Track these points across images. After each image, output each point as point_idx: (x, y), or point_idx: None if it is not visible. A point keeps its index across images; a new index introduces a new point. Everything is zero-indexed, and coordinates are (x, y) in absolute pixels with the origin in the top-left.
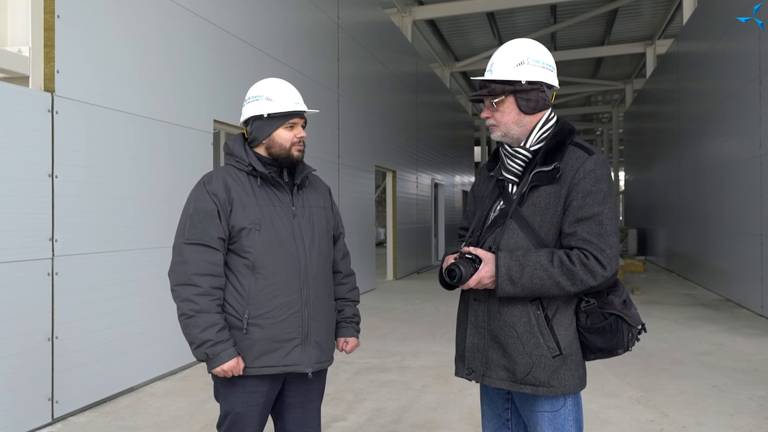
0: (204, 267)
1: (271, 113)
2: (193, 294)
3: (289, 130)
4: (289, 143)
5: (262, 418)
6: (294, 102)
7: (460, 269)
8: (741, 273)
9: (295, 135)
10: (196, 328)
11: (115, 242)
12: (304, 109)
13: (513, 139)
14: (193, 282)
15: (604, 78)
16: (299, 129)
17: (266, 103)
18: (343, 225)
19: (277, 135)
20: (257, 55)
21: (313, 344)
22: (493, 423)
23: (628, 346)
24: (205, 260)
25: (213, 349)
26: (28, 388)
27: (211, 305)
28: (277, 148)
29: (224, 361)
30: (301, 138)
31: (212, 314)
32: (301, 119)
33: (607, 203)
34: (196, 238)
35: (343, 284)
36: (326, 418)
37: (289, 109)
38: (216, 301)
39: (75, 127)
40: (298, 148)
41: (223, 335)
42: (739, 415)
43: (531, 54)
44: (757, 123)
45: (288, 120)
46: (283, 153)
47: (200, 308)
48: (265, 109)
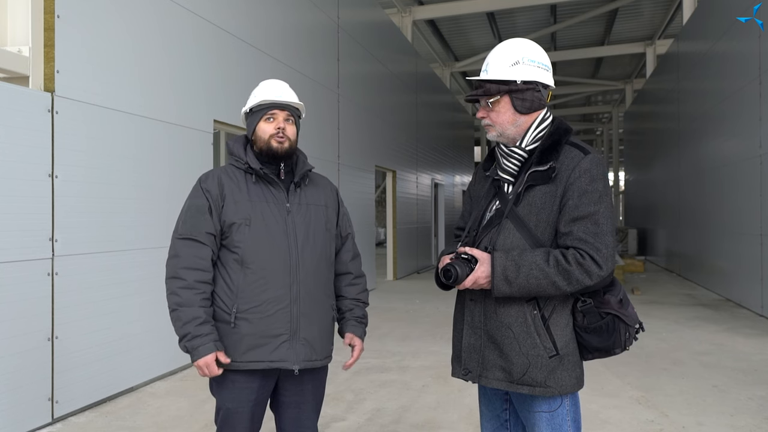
0: (191, 261)
1: (251, 107)
2: (178, 287)
3: (268, 123)
4: (268, 135)
5: (254, 416)
6: (275, 95)
7: (455, 269)
8: (741, 273)
9: (274, 126)
10: (178, 321)
11: (115, 242)
12: (279, 100)
13: (509, 139)
14: (179, 275)
15: (604, 78)
16: (279, 121)
17: (251, 99)
18: (352, 227)
19: (258, 129)
20: (257, 55)
21: (302, 341)
22: (492, 423)
23: (626, 345)
24: (193, 255)
25: (191, 342)
26: (28, 388)
27: (195, 299)
28: (260, 142)
29: (201, 356)
30: (279, 129)
31: (194, 308)
32: (282, 111)
33: (603, 202)
34: (186, 233)
35: (355, 285)
36: (326, 418)
37: (263, 99)
38: (201, 294)
39: (75, 127)
40: (278, 140)
41: (203, 329)
42: (739, 415)
43: (526, 53)
44: (757, 123)
45: (266, 112)
46: (265, 146)
47: (182, 301)
48: (248, 105)
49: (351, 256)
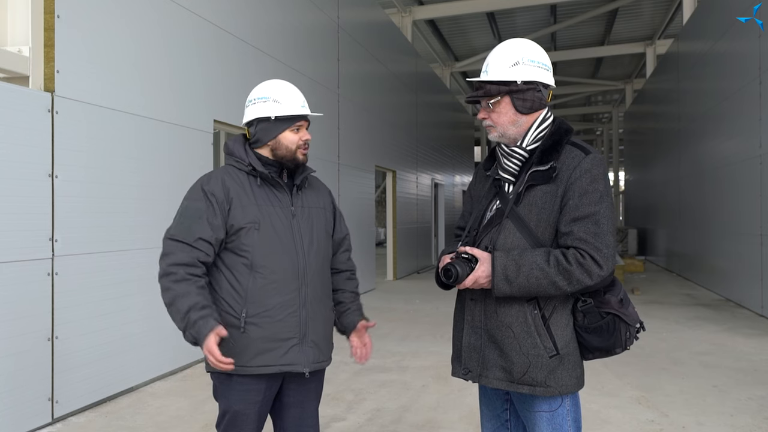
0: (182, 257)
1: (278, 116)
2: (171, 281)
3: (295, 133)
4: (295, 146)
5: (260, 417)
6: (300, 105)
7: (456, 269)
8: (741, 273)
9: (300, 138)
10: (177, 314)
11: (115, 242)
12: (310, 113)
13: (510, 139)
14: (170, 271)
15: (604, 78)
16: (304, 132)
17: (273, 105)
18: (347, 226)
19: (283, 137)
20: (257, 55)
21: (311, 344)
22: (492, 423)
23: (626, 345)
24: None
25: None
26: (28, 388)
27: (190, 288)
28: (283, 150)
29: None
30: (306, 141)
31: (191, 296)
32: (306, 122)
33: (604, 202)
34: (178, 236)
35: (351, 279)
36: (326, 418)
37: (297, 112)
38: (195, 284)
39: (75, 127)
40: (303, 151)
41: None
42: (739, 415)
43: (526, 54)
44: (757, 123)
45: (295, 123)
46: (289, 155)
47: (177, 293)
48: (273, 111)
49: (348, 255)
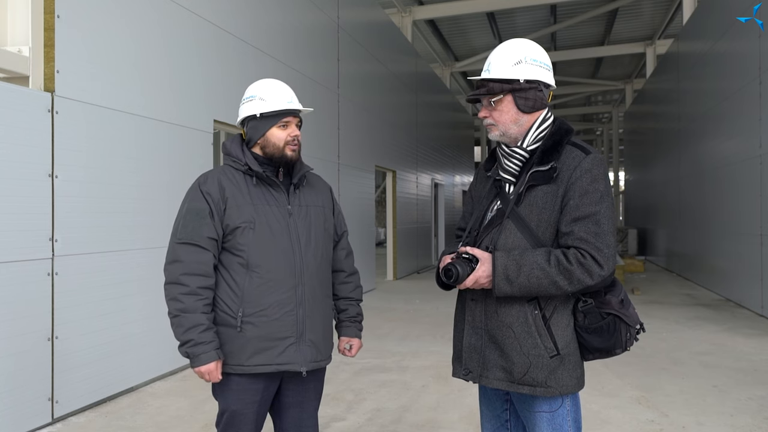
0: (193, 267)
1: (263, 113)
2: (180, 293)
3: (282, 129)
4: (283, 142)
5: (258, 417)
6: (287, 101)
7: (456, 269)
8: (741, 273)
9: (288, 134)
10: (180, 327)
11: (115, 242)
12: (295, 108)
13: (511, 138)
14: (180, 281)
15: (604, 78)
16: (293, 128)
17: (259, 102)
18: (346, 224)
19: (270, 134)
20: (257, 55)
21: (309, 343)
22: (492, 423)
23: (627, 345)
24: (194, 260)
25: (194, 349)
26: (28, 388)
27: (197, 305)
28: (271, 148)
29: (202, 363)
30: (294, 137)
31: (197, 314)
32: (294, 118)
33: (604, 202)
34: (186, 238)
35: (347, 283)
36: (326, 418)
37: (281, 107)
38: (203, 300)
39: (75, 127)
40: (292, 147)
41: (206, 336)
42: (739, 415)
43: (528, 53)
44: (757, 123)
45: (281, 119)
46: (277, 152)
47: (185, 307)
48: (258, 109)
49: (345, 254)
